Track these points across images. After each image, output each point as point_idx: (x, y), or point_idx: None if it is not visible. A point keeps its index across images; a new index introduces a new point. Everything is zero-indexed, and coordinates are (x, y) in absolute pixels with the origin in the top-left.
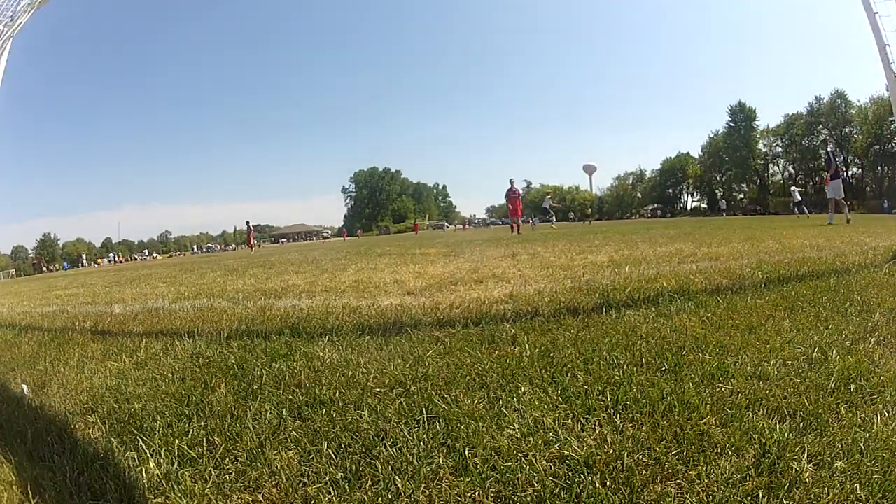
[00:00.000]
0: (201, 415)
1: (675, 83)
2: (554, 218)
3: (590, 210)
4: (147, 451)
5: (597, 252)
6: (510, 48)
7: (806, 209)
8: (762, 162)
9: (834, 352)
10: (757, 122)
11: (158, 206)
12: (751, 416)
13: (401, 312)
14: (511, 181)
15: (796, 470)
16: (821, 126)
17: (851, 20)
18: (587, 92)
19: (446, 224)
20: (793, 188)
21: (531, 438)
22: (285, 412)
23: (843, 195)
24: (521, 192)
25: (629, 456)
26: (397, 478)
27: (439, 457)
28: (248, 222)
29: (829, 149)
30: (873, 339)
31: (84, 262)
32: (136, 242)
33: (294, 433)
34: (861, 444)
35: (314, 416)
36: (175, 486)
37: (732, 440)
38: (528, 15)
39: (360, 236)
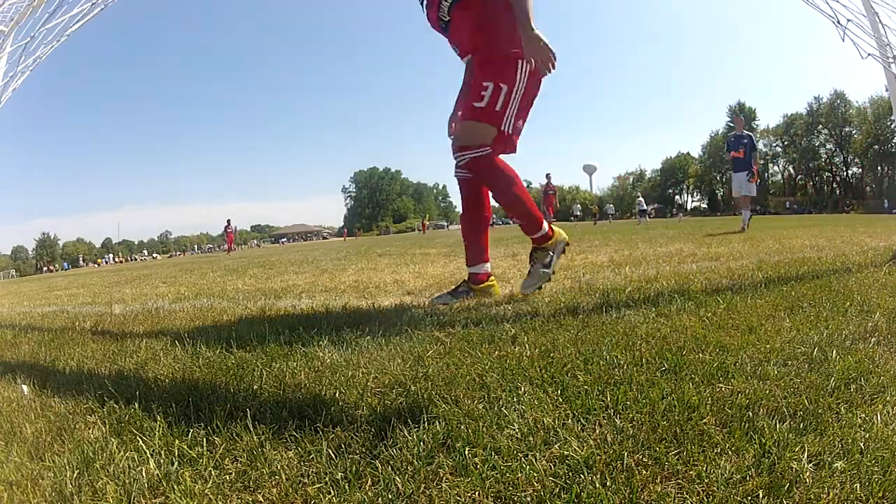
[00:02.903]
0: (201, 415)
1: (675, 82)
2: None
3: (597, 209)
4: (147, 451)
5: (597, 252)
6: None
7: (647, 218)
8: (762, 162)
9: (834, 352)
10: (757, 122)
11: (158, 206)
12: (751, 416)
13: (401, 312)
14: (548, 176)
15: (796, 470)
16: (820, 126)
17: (851, 20)
18: (587, 92)
19: (447, 225)
20: (639, 198)
21: (531, 438)
22: (285, 412)
23: (754, 193)
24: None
25: (629, 456)
26: (397, 478)
27: (439, 457)
28: (228, 221)
29: (734, 132)
30: (873, 339)
31: (81, 262)
32: (136, 242)
33: (294, 433)
34: (861, 444)
35: (314, 416)
36: (175, 486)
37: (732, 440)
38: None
39: (357, 236)
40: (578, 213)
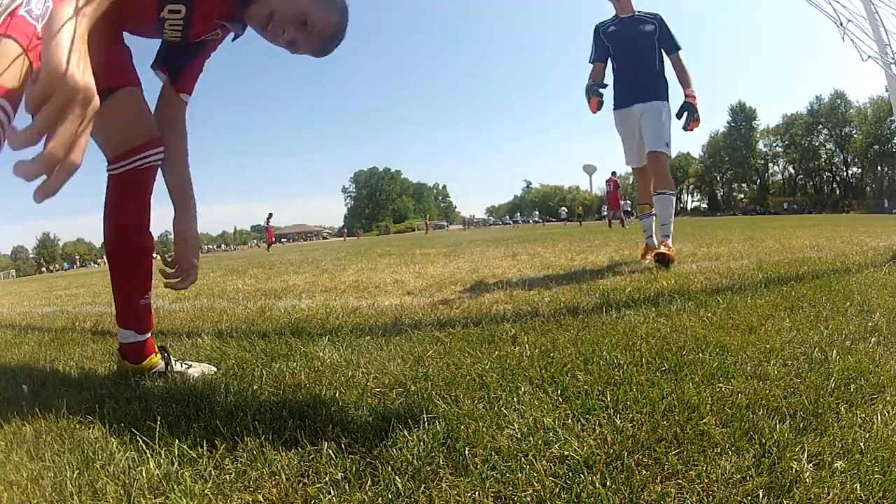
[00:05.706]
0: (201, 415)
1: (675, 82)
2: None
3: (581, 209)
4: (147, 451)
5: (597, 252)
6: (510, 49)
7: (572, 220)
8: (762, 162)
9: (834, 352)
10: (757, 122)
11: (158, 207)
12: (751, 415)
13: (401, 312)
14: (613, 174)
15: (796, 470)
16: (820, 126)
17: (851, 21)
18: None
19: (447, 224)
20: (562, 208)
21: (531, 438)
22: (285, 412)
23: (667, 146)
24: (618, 181)
25: (629, 456)
26: (397, 478)
27: (439, 457)
28: (270, 214)
29: (613, 17)
30: (873, 339)
31: (78, 263)
32: None
33: (294, 433)
34: (861, 444)
35: (314, 416)
36: (175, 486)
37: (732, 440)
38: (526, 17)
39: (358, 237)
40: (564, 216)
